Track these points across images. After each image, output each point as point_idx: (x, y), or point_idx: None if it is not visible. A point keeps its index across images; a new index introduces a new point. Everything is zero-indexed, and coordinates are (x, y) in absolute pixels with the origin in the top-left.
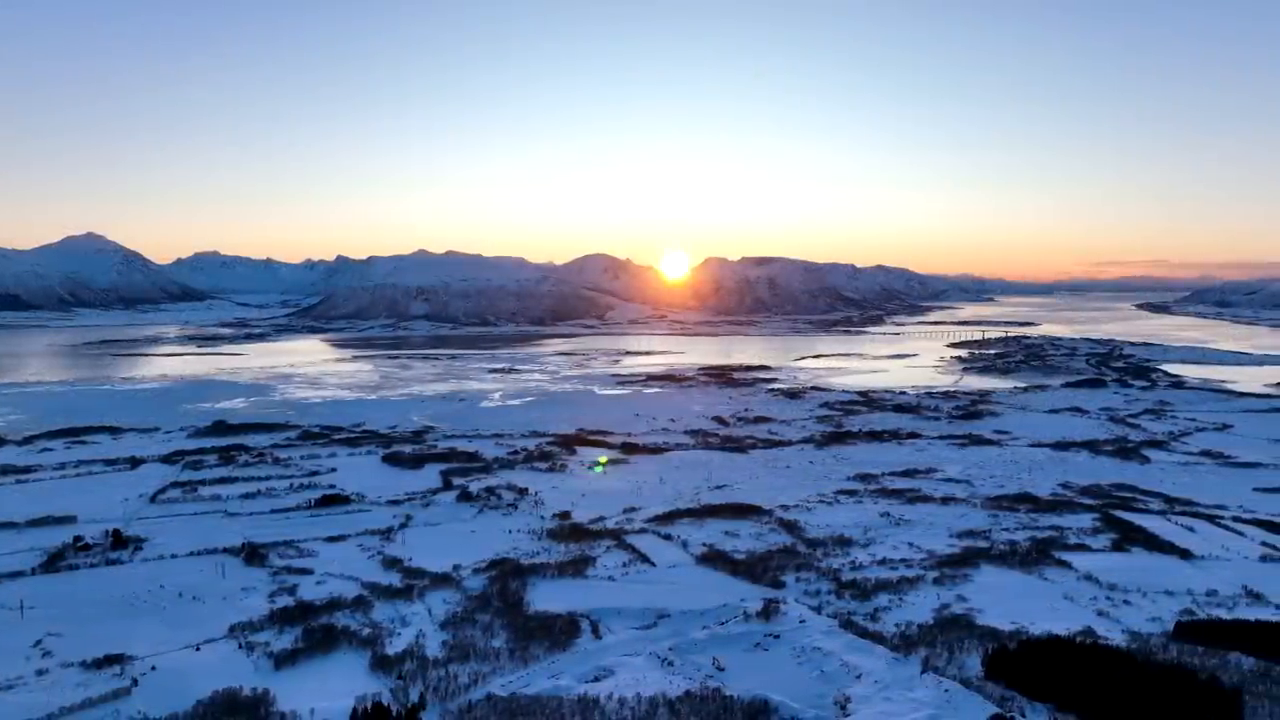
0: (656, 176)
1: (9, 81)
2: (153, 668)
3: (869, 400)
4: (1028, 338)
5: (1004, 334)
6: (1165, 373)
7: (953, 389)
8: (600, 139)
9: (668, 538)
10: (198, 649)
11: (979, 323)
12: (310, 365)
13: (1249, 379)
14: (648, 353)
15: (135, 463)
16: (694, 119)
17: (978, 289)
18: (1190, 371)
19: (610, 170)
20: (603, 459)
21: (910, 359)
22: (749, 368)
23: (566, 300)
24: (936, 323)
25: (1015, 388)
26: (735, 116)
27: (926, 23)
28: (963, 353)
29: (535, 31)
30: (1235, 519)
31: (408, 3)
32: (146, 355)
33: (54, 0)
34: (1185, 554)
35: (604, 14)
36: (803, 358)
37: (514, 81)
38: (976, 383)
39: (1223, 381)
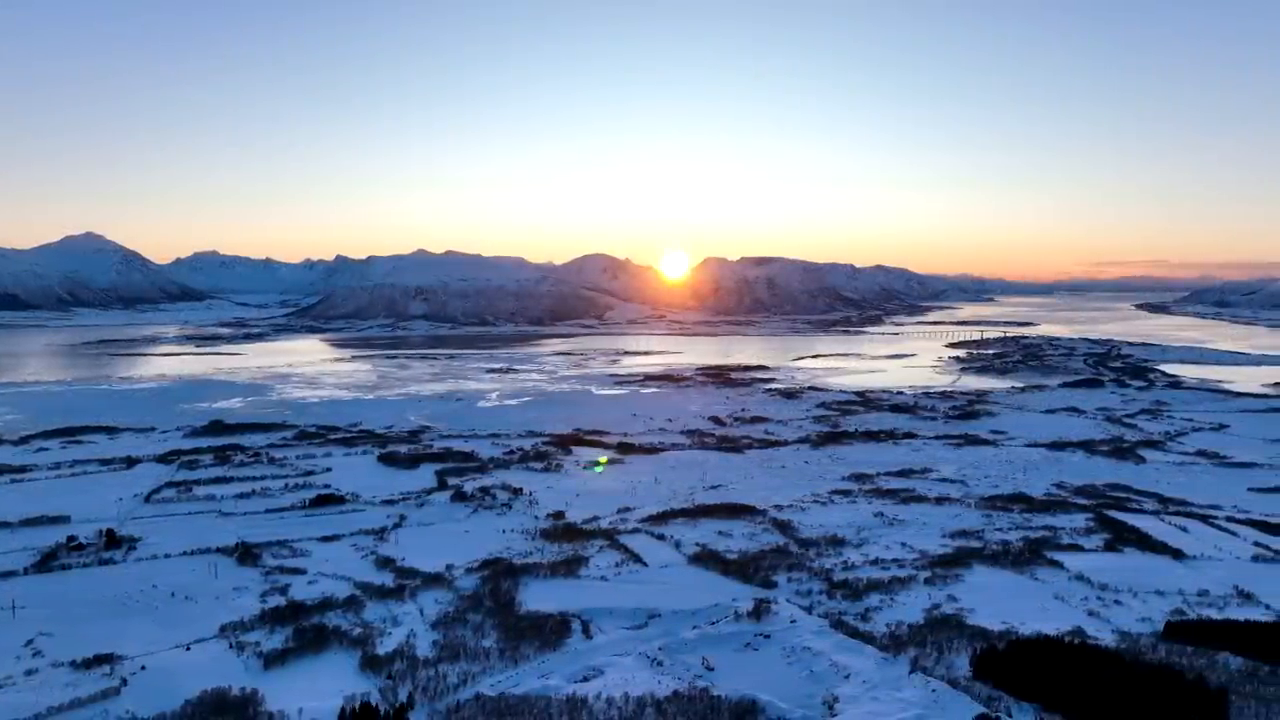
0: (656, 176)
1: (9, 81)
2: (142, 667)
3: (866, 400)
4: (1026, 338)
5: (1003, 334)
6: (1163, 373)
7: (950, 389)
8: (600, 139)
9: (661, 538)
10: (188, 649)
11: (978, 323)
12: (308, 365)
13: (1247, 379)
14: (646, 353)
15: (131, 462)
16: (694, 119)
17: (977, 289)
18: (1188, 371)
19: (610, 170)
20: (602, 459)
21: (908, 359)
22: (747, 368)
23: (565, 300)
24: (935, 323)
25: (1012, 388)
26: (735, 116)
27: (926, 23)
28: (961, 353)
29: (535, 31)
30: (1229, 519)
31: (408, 3)
32: (144, 355)
33: (54, 0)
34: (1178, 554)
35: (604, 14)
36: (801, 358)
37: (514, 81)
38: (974, 383)
39: (1220, 382)
